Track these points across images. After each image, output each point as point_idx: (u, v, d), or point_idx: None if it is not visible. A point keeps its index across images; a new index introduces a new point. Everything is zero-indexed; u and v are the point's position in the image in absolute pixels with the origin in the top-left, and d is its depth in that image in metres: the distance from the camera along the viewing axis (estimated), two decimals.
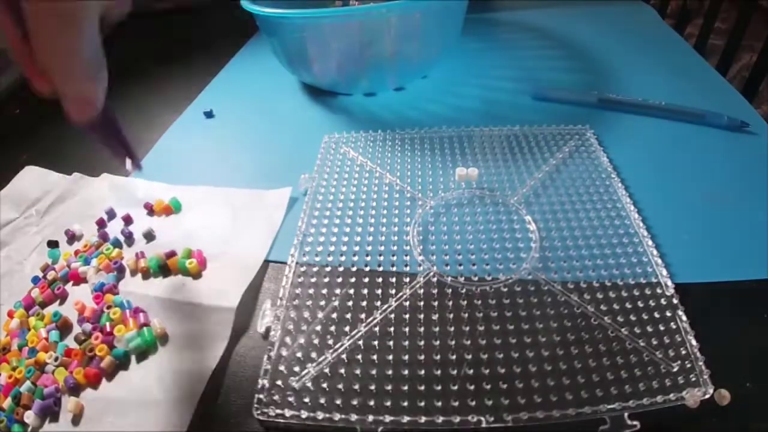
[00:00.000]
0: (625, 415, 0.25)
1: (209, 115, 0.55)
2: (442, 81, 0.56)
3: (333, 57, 0.50)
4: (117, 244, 0.40)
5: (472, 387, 0.27)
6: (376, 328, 0.31)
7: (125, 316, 0.33)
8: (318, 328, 0.31)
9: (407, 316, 0.31)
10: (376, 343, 0.30)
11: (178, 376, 0.30)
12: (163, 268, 0.37)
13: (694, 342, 0.28)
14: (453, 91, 0.54)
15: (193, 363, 0.30)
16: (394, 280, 0.34)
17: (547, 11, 0.69)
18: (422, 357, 0.29)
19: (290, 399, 0.28)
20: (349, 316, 0.32)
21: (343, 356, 0.30)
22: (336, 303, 0.33)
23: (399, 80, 0.55)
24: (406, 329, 0.31)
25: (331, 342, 0.30)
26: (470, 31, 0.62)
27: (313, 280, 0.35)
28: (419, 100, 0.53)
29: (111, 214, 0.42)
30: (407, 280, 0.34)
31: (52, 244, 0.41)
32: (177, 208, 0.42)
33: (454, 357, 0.29)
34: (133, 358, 0.31)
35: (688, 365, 0.27)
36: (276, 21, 0.49)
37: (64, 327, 0.34)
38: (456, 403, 0.27)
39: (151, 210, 0.42)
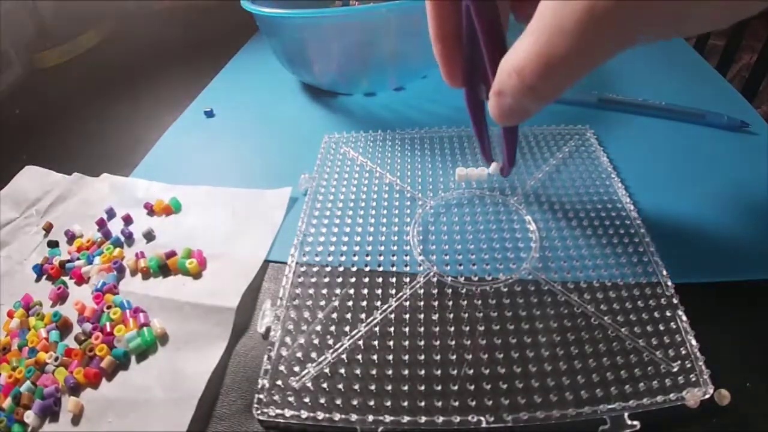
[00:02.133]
0: (625, 415, 0.25)
1: (210, 114, 0.55)
2: (442, 81, 0.56)
3: (333, 57, 0.50)
4: (117, 243, 0.40)
5: (472, 387, 0.27)
6: (376, 328, 0.31)
7: (125, 316, 0.33)
8: (318, 328, 0.31)
9: (407, 316, 0.31)
10: (376, 343, 0.30)
11: (178, 376, 0.30)
12: (163, 268, 0.37)
13: (694, 342, 0.28)
14: (453, 91, 0.54)
15: (193, 363, 0.30)
16: (394, 280, 0.34)
17: None
18: (422, 357, 0.29)
19: (290, 399, 0.28)
20: (349, 316, 0.32)
21: (343, 356, 0.30)
22: (336, 303, 0.33)
23: (399, 80, 0.55)
24: (406, 329, 0.31)
25: (331, 342, 0.30)
26: None
27: (313, 280, 0.34)
28: (419, 100, 0.53)
29: (111, 214, 0.42)
30: (407, 280, 0.34)
31: (52, 245, 0.41)
32: (177, 208, 0.42)
33: (454, 357, 0.29)
34: (133, 358, 0.31)
35: (688, 365, 0.27)
36: (276, 21, 0.49)
37: (64, 327, 0.34)
38: (456, 403, 0.27)
39: (151, 210, 0.42)
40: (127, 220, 0.42)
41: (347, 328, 0.31)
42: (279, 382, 0.29)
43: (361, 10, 0.48)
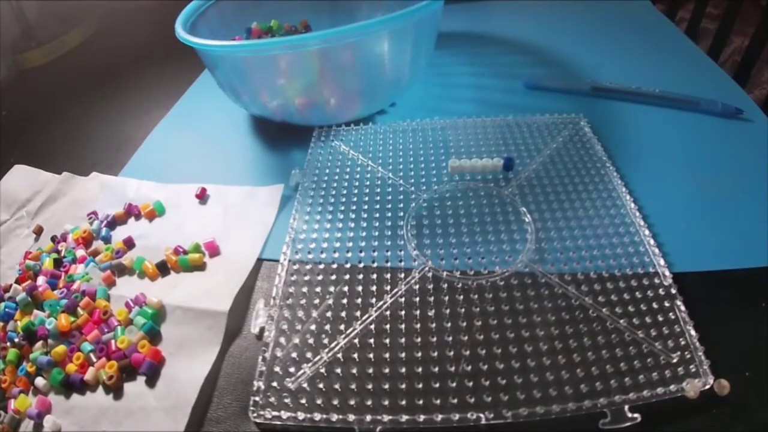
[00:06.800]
0: (626, 407, 0.25)
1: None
2: (434, 73, 0.55)
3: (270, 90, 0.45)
4: (108, 245, 0.39)
5: (470, 384, 0.27)
6: (372, 326, 0.30)
7: (127, 304, 0.34)
8: (312, 327, 0.31)
9: (403, 312, 0.31)
10: (372, 340, 0.30)
11: (171, 383, 0.29)
12: (157, 269, 0.36)
13: (693, 332, 0.28)
14: (445, 82, 0.54)
15: (185, 369, 0.30)
16: (388, 275, 0.33)
17: None
18: (419, 354, 0.29)
19: (286, 400, 0.27)
20: (343, 314, 0.31)
21: (339, 355, 0.29)
22: (330, 301, 0.32)
23: (360, 112, 0.48)
24: (402, 326, 0.30)
25: (326, 341, 0.30)
26: (462, 20, 0.62)
27: (307, 278, 0.34)
28: (410, 91, 0.52)
29: (101, 216, 0.42)
30: (402, 275, 0.33)
31: (44, 247, 0.40)
32: (160, 211, 0.42)
33: (451, 353, 0.29)
34: None
35: (688, 356, 0.27)
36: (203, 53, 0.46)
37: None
38: (455, 401, 0.26)
39: (138, 214, 0.42)
40: (118, 221, 0.41)
41: (342, 327, 0.31)
42: (274, 384, 0.28)
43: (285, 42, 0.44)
